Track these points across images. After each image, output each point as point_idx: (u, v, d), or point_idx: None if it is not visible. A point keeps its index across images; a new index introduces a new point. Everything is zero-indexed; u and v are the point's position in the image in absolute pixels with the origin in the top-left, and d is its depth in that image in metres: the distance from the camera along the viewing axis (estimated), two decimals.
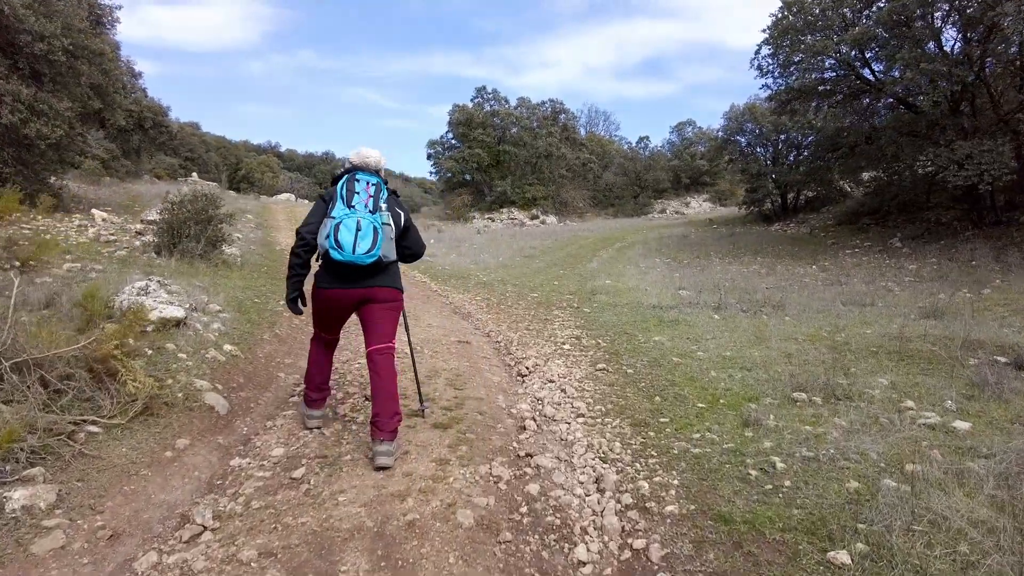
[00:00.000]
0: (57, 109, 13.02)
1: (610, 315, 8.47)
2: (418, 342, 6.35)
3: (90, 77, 14.48)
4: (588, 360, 5.84)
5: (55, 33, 12.60)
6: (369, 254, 3.37)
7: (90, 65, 14.75)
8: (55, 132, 12.99)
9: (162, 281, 6.18)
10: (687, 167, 49.77)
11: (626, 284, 12.52)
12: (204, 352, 4.77)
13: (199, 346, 4.87)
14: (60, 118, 13.09)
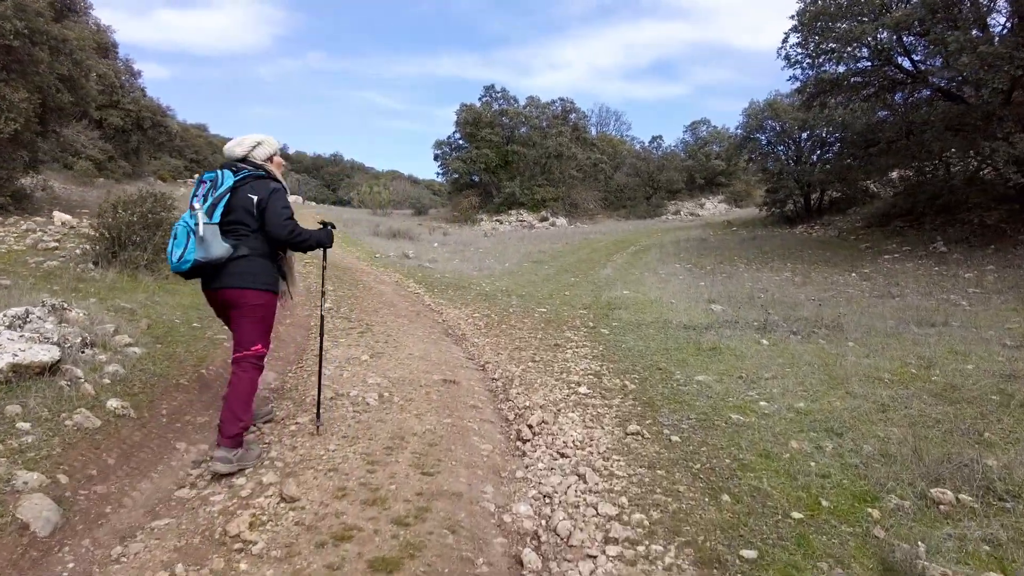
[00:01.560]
0: (11, 101, 11.68)
1: (634, 339, 6.96)
2: (390, 382, 4.87)
3: (53, 66, 13.12)
4: (614, 414, 4.33)
5: (6, 15, 11.26)
6: (182, 260, 3.18)
7: (55, 53, 13.41)
8: (8, 126, 11.65)
9: (57, 305, 4.74)
10: (702, 167, 48.16)
11: (646, 295, 11.00)
12: (67, 417, 3.32)
13: (63, 406, 3.42)
14: (15, 110, 11.76)
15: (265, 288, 3.34)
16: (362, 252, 17.98)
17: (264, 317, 3.38)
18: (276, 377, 4.94)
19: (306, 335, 6.70)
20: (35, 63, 12.45)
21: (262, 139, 3.60)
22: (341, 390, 4.58)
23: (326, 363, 5.40)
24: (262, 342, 3.37)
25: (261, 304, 3.33)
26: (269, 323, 3.45)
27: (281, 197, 3.41)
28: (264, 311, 3.36)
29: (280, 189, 3.44)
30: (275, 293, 3.43)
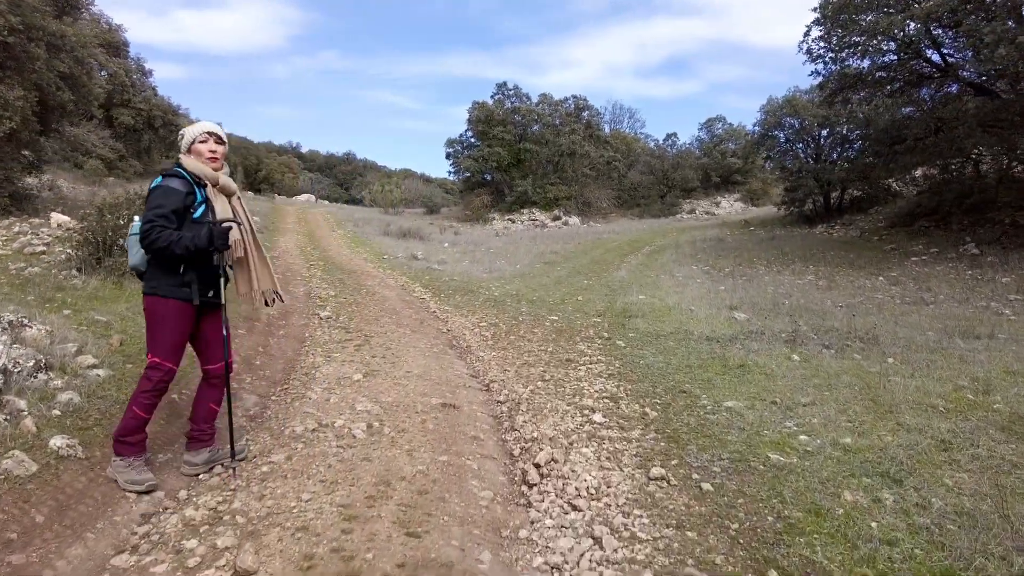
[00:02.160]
0: (6, 99, 11.32)
1: (653, 353, 6.42)
2: (382, 409, 4.37)
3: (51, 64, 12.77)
4: (634, 451, 3.79)
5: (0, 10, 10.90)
6: None
7: (54, 50, 13.05)
8: (3, 125, 11.30)
9: (15, 322, 4.29)
10: (717, 165, 47.35)
11: (664, 301, 10.43)
12: None
13: None
14: (11, 109, 11.40)
15: (149, 292, 3.07)
16: (370, 253, 17.53)
17: (150, 324, 3.09)
18: (257, 402, 4.45)
19: (298, 348, 6.23)
20: (31, 60, 12.08)
21: (185, 129, 3.30)
22: (326, 419, 4.08)
23: (313, 383, 4.92)
24: (151, 351, 3.07)
25: (145, 309, 3.10)
26: (158, 331, 3.07)
27: (156, 196, 3.00)
28: (148, 317, 3.09)
29: (160, 187, 3.02)
30: (161, 297, 3.04)
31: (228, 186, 3.22)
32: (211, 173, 3.14)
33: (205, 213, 3.09)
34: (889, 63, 17.66)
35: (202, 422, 3.38)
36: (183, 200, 3.01)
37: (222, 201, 3.16)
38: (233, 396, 4.39)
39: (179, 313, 3.06)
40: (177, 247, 2.90)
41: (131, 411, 3.03)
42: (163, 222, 2.92)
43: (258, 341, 6.12)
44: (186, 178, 3.07)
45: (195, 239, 2.93)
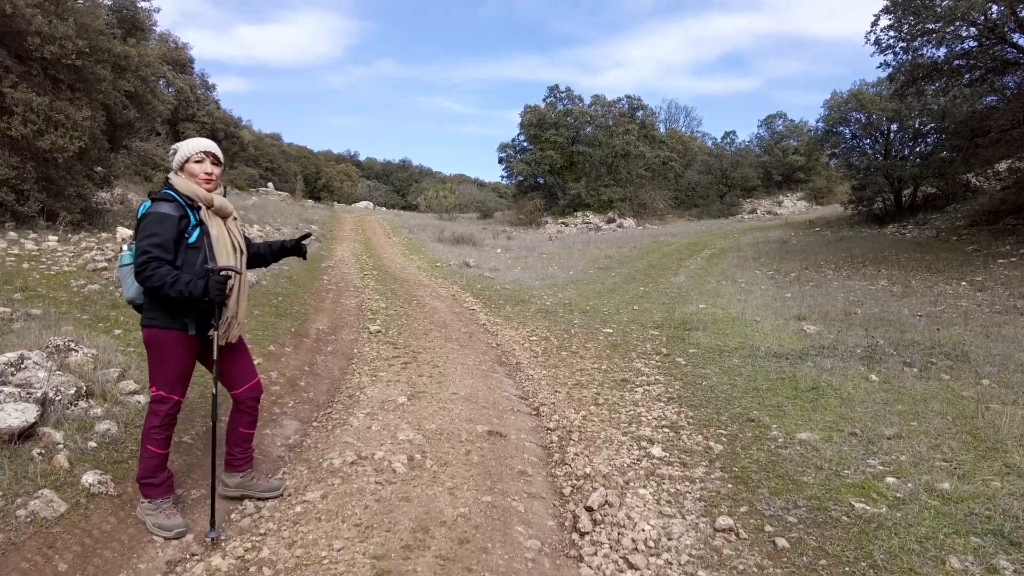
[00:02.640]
0: (75, 119, 11.75)
1: (716, 373, 5.99)
2: (424, 438, 4.14)
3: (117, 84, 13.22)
4: (697, 494, 3.43)
5: (68, 35, 11.30)
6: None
7: (119, 71, 13.52)
8: (73, 144, 11.72)
9: (62, 347, 4.27)
10: (779, 163, 45.79)
11: (727, 310, 9.91)
12: (23, 503, 2.75)
13: (24, 487, 2.85)
14: (79, 129, 11.83)
15: (148, 324, 2.89)
16: (424, 260, 17.53)
17: (152, 356, 2.92)
18: (298, 428, 4.30)
19: (345, 367, 6.09)
20: (98, 81, 12.53)
21: (178, 144, 3.02)
22: (366, 450, 3.87)
23: (357, 407, 4.74)
24: (154, 384, 2.91)
25: (145, 342, 2.93)
26: (160, 364, 2.90)
27: (148, 224, 2.77)
28: (149, 350, 2.92)
29: (150, 213, 2.78)
30: (161, 328, 2.86)
31: (224, 207, 3.00)
32: (205, 194, 2.90)
33: (200, 238, 2.86)
34: (968, 50, 16.49)
35: (234, 446, 3.24)
36: (176, 226, 2.79)
37: (217, 224, 2.94)
38: (274, 422, 4.27)
39: (181, 343, 2.89)
40: (172, 290, 2.68)
41: (146, 450, 2.89)
42: (159, 253, 2.71)
43: (304, 359, 6.02)
44: (178, 200, 2.85)
45: (191, 286, 2.72)
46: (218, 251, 2.89)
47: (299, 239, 3.41)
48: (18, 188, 11.58)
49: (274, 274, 11.16)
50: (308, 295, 9.65)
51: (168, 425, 2.91)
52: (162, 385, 2.87)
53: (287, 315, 7.76)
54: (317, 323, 7.68)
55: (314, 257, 15.74)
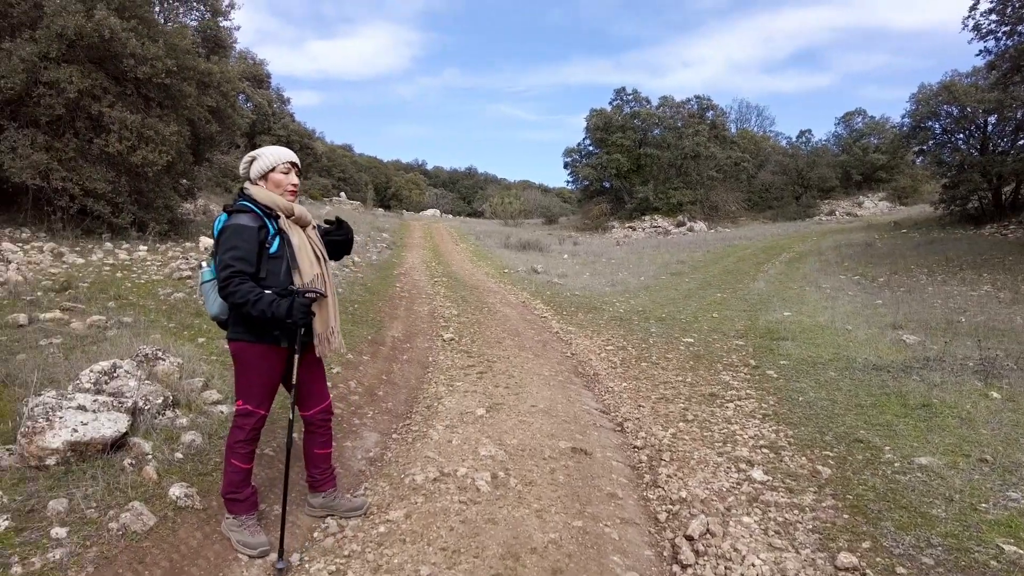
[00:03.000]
0: (163, 134, 12.32)
1: (812, 387, 5.57)
2: (507, 454, 3.97)
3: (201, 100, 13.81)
4: (809, 524, 3.11)
5: (158, 55, 11.86)
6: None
7: (203, 87, 14.12)
8: (162, 158, 12.29)
9: (151, 355, 4.34)
10: (858, 162, 43.60)
11: (814, 318, 9.34)
12: (114, 516, 2.73)
13: (116, 498, 2.85)
14: (167, 143, 12.39)
15: (236, 338, 2.80)
16: (491, 267, 17.49)
17: (240, 369, 2.83)
18: (378, 441, 4.21)
19: (422, 375, 6.01)
20: (184, 97, 13.10)
21: (258, 153, 2.90)
22: (448, 466, 3.73)
23: (435, 418, 4.62)
24: (241, 397, 2.83)
25: (233, 355, 2.84)
26: (247, 377, 2.81)
27: (229, 237, 2.65)
28: (237, 363, 2.83)
29: (230, 226, 2.66)
30: (248, 342, 2.77)
31: (303, 216, 2.89)
32: (286, 204, 2.81)
33: (281, 247, 2.75)
34: None
35: (312, 468, 3.15)
36: (256, 237, 2.68)
37: (298, 232, 2.83)
38: (354, 433, 4.19)
39: (269, 357, 2.81)
40: (254, 308, 2.59)
41: (231, 464, 2.82)
42: (241, 266, 2.61)
43: (382, 368, 5.97)
44: (255, 211, 2.73)
45: (274, 307, 2.62)
46: (301, 260, 2.78)
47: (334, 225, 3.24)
48: (113, 201, 12.22)
49: (350, 282, 11.32)
50: (383, 302, 9.71)
51: (253, 439, 2.84)
52: (248, 399, 2.80)
53: (363, 322, 7.79)
54: (392, 330, 7.67)
55: (386, 264, 15.95)
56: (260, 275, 2.70)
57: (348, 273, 12.70)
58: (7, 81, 10.82)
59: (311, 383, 3.01)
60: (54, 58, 11.41)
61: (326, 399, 3.10)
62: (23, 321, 5.87)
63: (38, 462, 2.94)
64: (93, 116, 11.88)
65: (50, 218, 11.84)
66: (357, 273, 13.00)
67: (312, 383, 3.02)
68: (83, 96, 11.54)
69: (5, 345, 5.26)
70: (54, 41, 11.18)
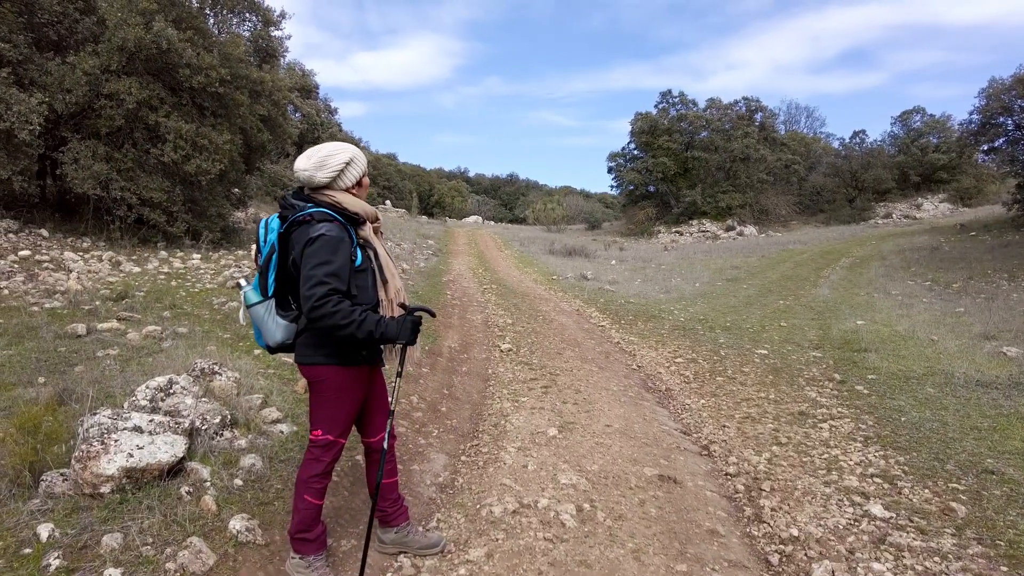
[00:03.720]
0: (217, 143, 12.39)
1: (912, 405, 5.05)
2: (589, 482, 3.60)
3: (253, 108, 13.90)
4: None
5: (213, 64, 11.95)
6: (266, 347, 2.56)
7: (255, 96, 14.21)
8: (215, 167, 12.36)
9: (207, 370, 4.14)
10: (917, 163, 41.68)
11: (891, 327, 8.71)
12: (172, 554, 2.48)
13: (174, 533, 2.60)
14: (220, 152, 12.46)
15: (315, 362, 2.45)
16: (539, 273, 17.16)
17: (321, 397, 2.48)
18: (447, 463, 3.90)
19: (483, 389, 5.70)
20: (237, 106, 13.19)
21: (349, 156, 2.46)
22: (526, 496, 3.40)
23: (505, 438, 4.30)
24: (322, 427, 2.49)
25: (313, 381, 2.49)
26: (331, 405, 2.48)
27: (322, 249, 2.28)
28: (319, 388, 2.48)
29: (324, 237, 2.28)
30: (337, 365, 2.44)
31: (382, 223, 2.63)
32: (372, 210, 2.50)
33: (366, 259, 2.45)
34: None
35: (380, 500, 2.82)
36: (350, 251, 2.36)
37: (379, 241, 2.54)
38: (420, 455, 3.90)
39: (359, 380, 2.52)
40: (359, 330, 2.26)
41: (303, 501, 2.52)
42: (337, 284, 2.26)
43: (442, 381, 5.69)
44: (338, 219, 2.39)
45: (381, 328, 2.29)
46: (388, 272, 2.49)
47: None
48: (168, 210, 12.35)
49: None
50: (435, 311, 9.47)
51: (330, 472, 2.55)
52: (330, 428, 2.49)
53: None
54: (448, 340, 7.40)
55: (434, 272, 15.78)
56: (351, 292, 2.37)
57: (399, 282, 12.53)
58: (72, 95, 11.03)
59: (377, 408, 2.71)
60: (115, 70, 11.59)
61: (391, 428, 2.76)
62: (81, 331, 5.80)
63: (92, 489, 2.72)
64: (150, 126, 12.03)
65: (109, 227, 12.02)
66: (407, 281, 12.82)
67: (373, 405, 2.71)
68: (141, 107, 11.70)
69: (64, 356, 5.17)
70: (115, 54, 11.36)
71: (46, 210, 12.56)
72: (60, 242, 11.01)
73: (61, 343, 5.50)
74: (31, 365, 4.83)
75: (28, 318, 6.19)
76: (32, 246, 10.07)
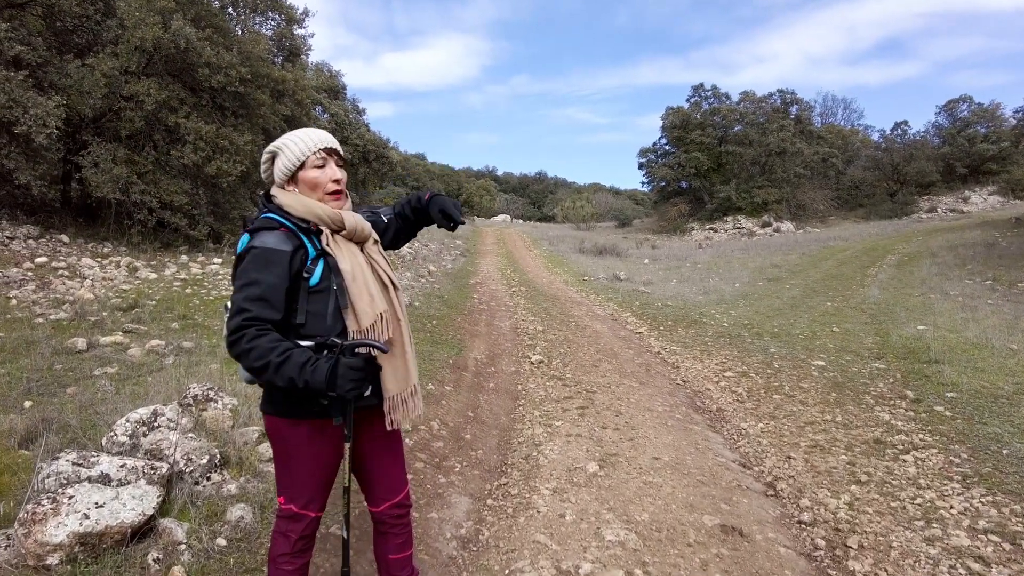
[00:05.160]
0: (238, 144, 12.08)
1: (1011, 433, 4.34)
2: (640, 538, 3.02)
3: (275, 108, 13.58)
4: None
5: (232, 63, 11.63)
6: None
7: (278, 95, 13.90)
8: (236, 168, 12.05)
9: (200, 396, 3.67)
10: (964, 153, 39.94)
11: (959, 334, 7.92)
12: None
13: None
14: (240, 153, 12.15)
15: (270, 411, 1.92)
16: (569, 274, 16.56)
17: (277, 456, 1.97)
18: (470, 509, 3.35)
19: (512, 409, 5.16)
20: (258, 105, 12.87)
21: (280, 144, 1.95)
22: (565, 559, 2.82)
23: (537, 477, 3.73)
24: (283, 494, 1.96)
25: (268, 434, 1.96)
26: (288, 467, 1.94)
27: (249, 266, 1.77)
28: (274, 447, 1.97)
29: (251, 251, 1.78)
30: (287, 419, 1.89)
31: (360, 229, 1.95)
32: (330, 212, 1.88)
33: (327, 275, 1.84)
34: None
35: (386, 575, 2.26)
36: (288, 266, 1.78)
37: (351, 253, 1.90)
38: (439, 498, 3.36)
39: (319, 438, 1.91)
40: (278, 376, 1.67)
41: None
42: (260, 311, 1.72)
43: (467, 401, 5.16)
44: (288, 226, 1.84)
45: (308, 371, 1.67)
46: (356, 294, 1.85)
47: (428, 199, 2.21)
48: (190, 214, 12.08)
49: (426, 294, 10.66)
50: (461, 317, 8.96)
51: (303, 550, 1.99)
52: (293, 496, 1.94)
53: (443, 342, 7.03)
54: (474, 351, 6.87)
55: (461, 273, 15.30)
56: (297, 319, 1.81)
57: (424, 284, 12.08)
58: (91, 97, 10.80)
59: (382, 467, 2.09)
60: (134, 72, 11.35)
61: (402, 488, 2.15)
62: (82, 346, 5.42)
63: (36, 561, 2.23)
64: (170, 128, 11.78)
65: (129, 232, 11.80)
66: (434, 284, 12.36)
67: (380, 465, 2.09)
68: (161, 108, 11.44)
69: (58, 376, 4.78)
70: (133, 54, 11.11)
71: (68, 215, 12.39)
72: (80, 248, 10.79)
73: (59, 360, 5.12)
74: (21, 386, 4.44)
75: (30, 331, 5.85)
76: (51, 252, 9.84)
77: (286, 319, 1.79)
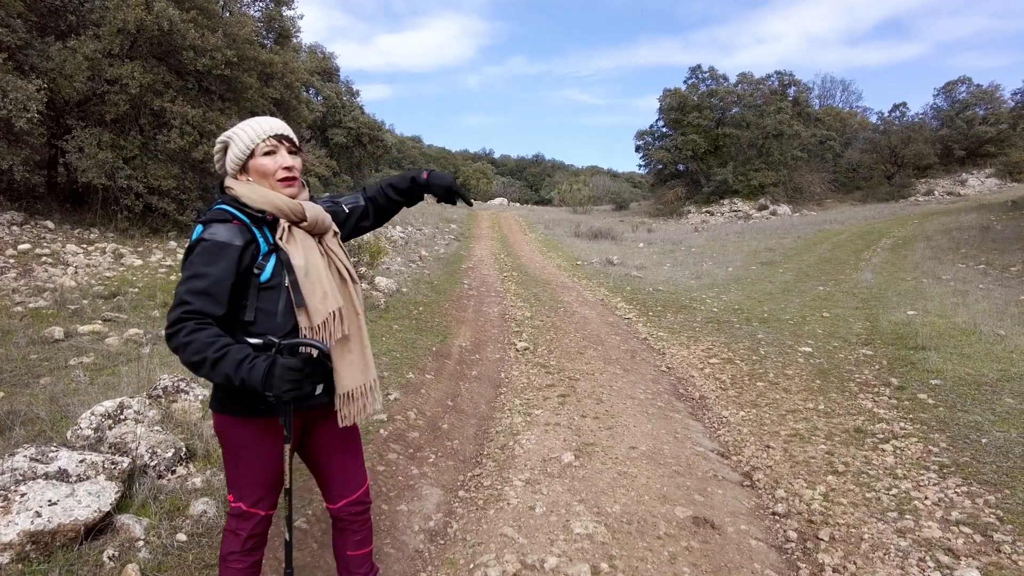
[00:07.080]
0: (225, 128, 11.92)
1: (992, 421, 4.32)
2: (609, 531, 3.00)
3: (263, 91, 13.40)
4: None
5: (218, 46, 11.44)
6: None
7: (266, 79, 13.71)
8: None
9: (171, 388, 3.62)
10: (962, 136, 39.70)
11: (948, 319, 7.89)
12: None
13: None
14: None
15: (216, 408, 1.88)
16: (563, 258, 16.49)
17: (226, 455, 1.93)
18: (441, 501, 3.32)
19: (493, 398, 5.12)
20: (246, 89, 12.69)
21: (230, 134, 1.87)
22: (531, 552, 2.80)
23: (511, 468, 3.70)
24: (233, 491, 1.92)
25: (216, 432, 1.93)
26: (237, 465, 1.90)
27: (197, 258, 1.72)
28: (222, 445, 1.94)
29: (199, 243, 1.73)
30: (233, 417, 1.85)
31: (320, 222, 1.90)
32: (289, 203, 1.82)
33: (279, 271, 1.79)
34: None
35: (345, 573, 2.20)
36: (238, 260, 1.73)
37: (306, 247, 1.83)
38: (410, 490, 3.33)
39: (266, 436, 1.87)
40: (214, 372, 1.63)
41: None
42: (201, 305, 1.67)
43: (447, 390, 5.12)
44: (240, 217, 1.79)
45: (245, 369, 1.62)
46: (309, 291, 1.79)
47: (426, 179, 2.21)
48: (178, 198, 11.96)
49: (416, 279, 10.60)
50: (449, 303, 8.91)
51: (254, 548, 1.96)
52: (242, 495, 1.90)
53: (428, 329, 6.98)
54: (459, 339, 6.83)
55: (454, 258, 15.22)
56: (246, 316, 1.77)
57: (415, 270, 12.01)
58: (73, 80, 10.62)
59: (339, 465, 2.06)
60: (117, 54, 11.16)
61: (361, 485, 2.11)
62: (59, 335, 5.36)
63: None
64: (156, 112, 11.61)
65: (117, 217, 11.68)
66: (424, 269, 12.29)
67: (338, 465, 2.06)
68: (146, 92, 11.26)
69: (32, 366, 4.72)
70: (117, 37, 10.91)
71: (54, 201, 12.26)
72: (66, 234, 10.68)
73: (34, 349, 5.07)
74: None
75: (7, 320, 5.78)
76: (35, 239, 9.74)
77: (234, 316, 1.76)
